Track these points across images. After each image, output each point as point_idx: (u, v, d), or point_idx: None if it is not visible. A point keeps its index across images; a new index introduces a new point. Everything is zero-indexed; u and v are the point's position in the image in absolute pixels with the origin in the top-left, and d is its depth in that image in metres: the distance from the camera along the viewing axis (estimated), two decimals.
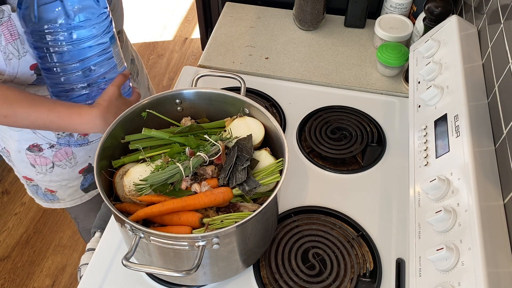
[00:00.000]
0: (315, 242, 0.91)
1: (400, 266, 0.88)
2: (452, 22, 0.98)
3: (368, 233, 0.93)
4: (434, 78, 0.95)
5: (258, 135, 0.87)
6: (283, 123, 1.14)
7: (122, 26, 1.13)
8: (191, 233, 0.75)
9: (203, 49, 1.43)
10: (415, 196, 0.84)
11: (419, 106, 0.96)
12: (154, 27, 3.08)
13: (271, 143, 0.88)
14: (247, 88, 1.07)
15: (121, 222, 0.73)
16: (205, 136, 0.87)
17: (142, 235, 0.70)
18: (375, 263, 0.89)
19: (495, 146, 0.80)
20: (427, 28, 1.11)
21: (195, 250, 0.71)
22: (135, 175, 0.81)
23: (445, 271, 0.68)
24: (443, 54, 0.96)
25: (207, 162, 0.83)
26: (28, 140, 1.06)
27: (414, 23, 1.25)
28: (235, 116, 0.90)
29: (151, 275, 0.88)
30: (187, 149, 0.83)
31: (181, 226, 0.77)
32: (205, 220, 0.76)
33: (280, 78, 1.27)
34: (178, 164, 0.80)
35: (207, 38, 1.66)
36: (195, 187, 0.80)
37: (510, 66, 0.78)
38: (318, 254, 0.90)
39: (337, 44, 1.36)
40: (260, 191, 0.82)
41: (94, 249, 0.93)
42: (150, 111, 0.87)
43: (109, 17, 0.90)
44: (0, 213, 2.11)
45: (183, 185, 0.80)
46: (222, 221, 0.75)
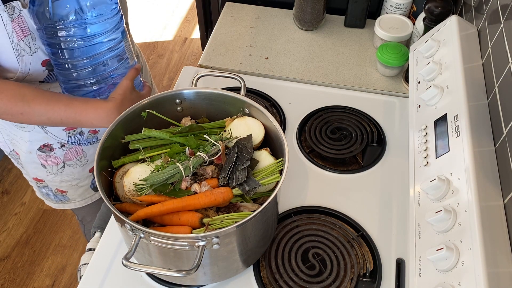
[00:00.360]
0: (315, 242, 0.91)
1: (400, 266, 0.88)
2: (452, 22, 0.98)
3: (368, 233, 0.93)
4: (434, 78, 0.95)
5: (258, 135, 0.87)
6: (283, 123, 1.14)
7: (127, 19, 1.13)
8: (191, 233, 0.75)
9: (203, 49, 1.43)
10: (415, 196, 0.84)
11: (419, 106, 0.96)
12: (154, 27, 3.08)
13: (271, 143, 0.88)
14: (247, 88, 1.07)
15: (121, 222, 0.73)
16: (205, 136, 0.87)
17: (142, 235, 0.70)
18: (375, 263, 0.89)
19: (495, 146, 0.80)
20: (427, 28, 1.11)
21: (195, 250, 0.71)
22: (135, 175, 0.81)
23: (445, 271, 0.68)
24: (443, 54, 0.96)
25: (207, 162, 0.83)
26: (39, 140, 1.06)
27: (414, 23, 1.25)
28: (235, 116, 0.90)
29: (151, 275, 0.88)
30: (187, 149, 0.83)
31: (181, 226, 0.77)
32: (205, 220, 0.76)
33: (280, 78, 1.27)
34: (178, 164, 0.80)
35: (207, 38, 1.66)
36: (195, 187, 0.80)
37: (510, 66, 0.78)
38: (318, 254, 0.90)
39: (337, 44, 1.36)
40: (260, 191, 0.82)
41: (94, 249, 0.93)
42: (150, 111, 0.87)
43: (119, 12, 0.91)
44: (0, 213, 2.11)
45: (183, 185, 0.80)
46: (222, 221, 0.75)
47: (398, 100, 1.20)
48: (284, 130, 1.12)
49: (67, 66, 0.89)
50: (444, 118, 0.86)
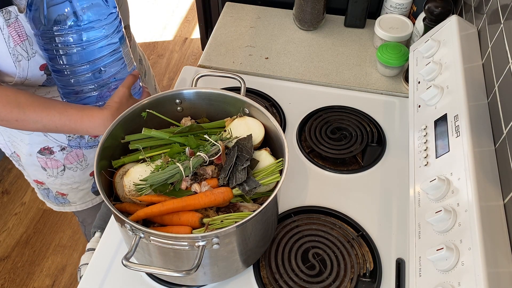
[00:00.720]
0: (315, 242, 0.91)
1: (400, 266, 0.88)
2: (452, 22, 0.97)
3: (368, 233, 0.93)
4: (434, 78, 0.95)
5: (258, 135, 0.87)
6: (283, 123, 1.14)
7: (128, 22, 1.13)
8: (191, 233, 0.75)
9: (203, 49, 1.43)
10: (415, 196, 0.84)
11: (419, 106, 0.96)
12: (154, 27, 3.08)
13: (271, 143, 0.88)
14: (247, 88, 1.07)
15: (121, 222, 0.73)
16: (205, 136, 0.87)
17: (142, 235, 0.70)
18: (375, 263, 0.89)
19: (495, 146, 0.80)
20: (427, 28, 1.11)
21: (195, 250, 0.71)
22: (135, 175, 0.81)
23: (445, 271, 0.68)
24: (443, 54, 0.96)
25: (207, 162, 0.83)
26: (39, 143, 1.06)
27: (414, 23, 1.25)
28: (235, 116, 0.90)
29: (151, 275, 0.88)
30: (187, 149, 0.83)
31: (181, 226, 0.77)
32: (205, 220, 0.76)
33: (280, 78, 1.27)
34: (178, 164, 0.80)
35: (207, 38, 1.66)
36: (195, 187, 0.80)
37: (510, 66, 0.78)
38: (318, 254, 0.90)
39: (337, 44, 1.36)
40: (260, 191, 0.82)
41: (94, 249, 0.93)
42: (150, 111, 0.87)
43: (118, 17, 0.90)
44: (0, 213, 2.11)
45: (183, 185, 0.80)
46: (222, 221, 0.75)
47: (398, 100, 1.20)
48: (284, 130, 1.12)
49: (64, 72, 0.89)
50: (444, 118, 0.86)
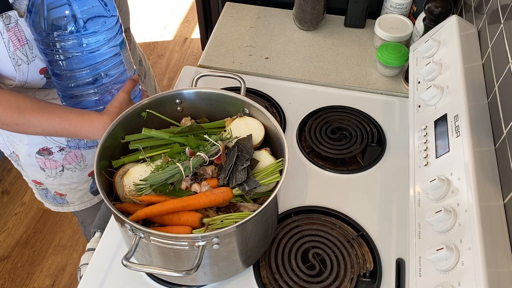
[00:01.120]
0: (315, 242, 0.91)
1: (400, 266, 0.88)
2: (452, 22, 0.97)
3: (368, 233, 0.93)
4: (434, 78, 0.95)
5: (258, 135, 0.87)
6: (283, 123, 1.14)
7: (128, 24, 1.12)
8: (191, 233, 0.75)
9: (203, 49, 1.43)
10: (415, 196, 0.84)
11: (419, 106, 0.96)
12: (154, 27, 3.08)
13: (271, 143, 0.88)
14: (247, 88, 1.07)
15: (121, 222, 0.73)
16: (205, 136, 0.87)
17: (142, 235, 0.70)
18: (375, 263, 0.89)
19: (495, 146, 0.80)
20: (427, 28, 1.11)
21: (195, 250, 0.71)
22: (135, 175, 0.81)
23: (445, 271, 0.68)
24: (443, 54, 0.96)
25: (207, 162, 0.83)
26: (38, 143, 1.06)
27: (414, 23, 1.25)
28: (235, 116, 0.90)
29: (151, 275, 0.88)
30: (187, 149, 0.83)
31: (181, 226, 0.77)
32: (205, 220, 0.76)
33: (280, 78, 1.27)
34: (178, 164, 0.80)
35: (207, 38, 1.67)
36: (195, 187, 0.80)
37: (510, 66, 0.78)
38: (318, 254, 0.90)
39: (337, 44, 1.36)
40: (260, 191, 0.82)
41: (94, 249, 0.93)
42: (150, 111, 0.87)
43: (118, 22, 0.90)
44: (0, 213, 2.11)
45: (183, 185, 0.80)
46: (222, 221, 0.75)
47: (398, 100, 1.20)
48: (284, 130, 1.12)
49: (64, 76, 0.89)
50: (444, 118, 0.86)
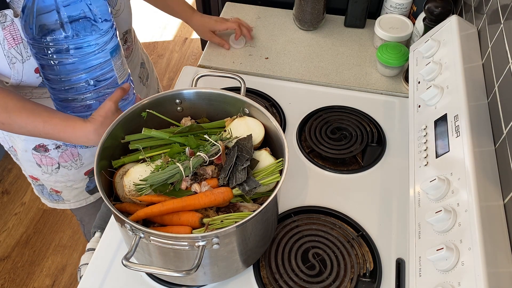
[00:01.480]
0: (315, 242, 0.91)
1: (400, 266, 0.88)
2: (452, 22, 0.97)
3: (368, 233, 0.93)
4: (434, 78, 0.95)
5: (258, 135, 0.87)
6: (283, 123, 1.14)
7: (130, 26, 1.12)
8: (191, 233, 0.75)
9: (203, 49, 1.43)
10: (415, 196, 0.84)
11: (419, 106, 0.96)
12: (154, 27, 3.08)
13: (271, 143, 0.88)
14: (247, 88, 1.07)
15: (121, 222, 0.73)
16: (205, 136, 0.87)
17: (142, 235, 0.70)
18: (375, 263, 0.89)
19: (495, 146, 0.80)
20: (427, 28, 1.11)
21: (195, 250, 0.71)
22: (135, 175, 0.81)
23: (445, 271, 0.68)
24: (443, 54, 0.96)
25: (207, 162, 0.83)
26: (35, 139, 1.06)
27: (414, 23, 1.25)
28: (235, 116, 0.90)
29: (151, 275, 0.88)
30: (187, 149, 0.83)
31: (181, 226, 0.77)
32: (205, 220, 0.76)
33: (280, 78, 1.27)
34: (178, 164, 0.80)
35: None
36: (195, 187, 0.80)
37: (510, 66, 0.78)
38: (318, 254, 0.90)
39: (337, 44, 1.36)
40: (260, 191, 0.82)
41: (94, 249, 0.93)
42: (150, 111, 0.87)
43: (111, 30, 0.88)
44: (0, 213, 2.11)
45: (183, 185, 0.80)
46: (222, 221, 0.75)
47: (398, 100, 1.20)
48: (284, 130, 1.12)
49: (54, 80, 0.88)
50: (444, 118, 0.86)
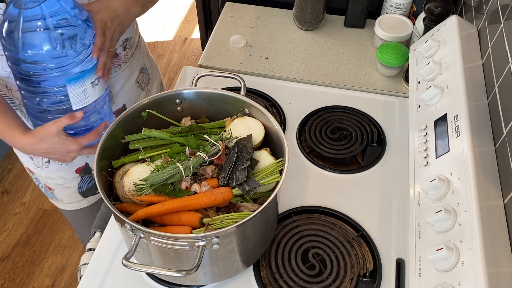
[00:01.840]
0: (315, 242, 0.91)
1: (400, 266, 0.88)
2: (452, 22, 0.97)
3: (368, 233, 0.93)
4: (434, 78, 0.95)
5: (258, 135, 0.87)
6: (283, 123, 1.14)
7: (132, 34, 1.09)
8: (191, 233, 0.75)
9: (203, 49, 1.43)
10: (415, 196, 0.84)
11: (419, 106, 0.96)
12: (154, 27, 3.08)
13: (271, 143, 0.88)
14: (247, 88, 1.07)
15: (121, 222, 0.73)
16: (205, 136, 0.87)
17: (142, 235, 0.70)
18: (375, 263, 0.89)
19: (495, 146, 0.80)
20: (427, 28, 1.11)
21: (195, 250, 0.71)
22: (135, 175, 0.81)
23: (445, 271, 0.68)
24: (443, 54, 0.96)
25: (207, 162, 0.83)
26: None
27: (414, 23, 1.25)
28: (235, 116, 0.90)
29: (151, 275, 0.88)
30: (187, 149, 0.83)
31: (181, 226, 0.77)
32: (205, 220, 0.76)
33: (280, 78, 1.27)
34: (178, 164, 0.80)
35: (207, 38, 1.67)
36: (195, 187, 0.80)
37: (510, 66, 0.78)
38: (318, 254, 0.90)
39: (337, 44, 1.36)
40: (260, 191, 0.82)
41: (94, 249, 0.93)
42: (150, 111, 0.87)
43: (74, 62, 0.82)
44: (0, 213, 2.11)
45: (183, 185, 0.80)
46: (222, 221, 0.75)
47: (398, 100, 1.20)
48: (284, 130, 1.12)
49: (21, 91, 0.86)
50: (444, 118, 0.86)
